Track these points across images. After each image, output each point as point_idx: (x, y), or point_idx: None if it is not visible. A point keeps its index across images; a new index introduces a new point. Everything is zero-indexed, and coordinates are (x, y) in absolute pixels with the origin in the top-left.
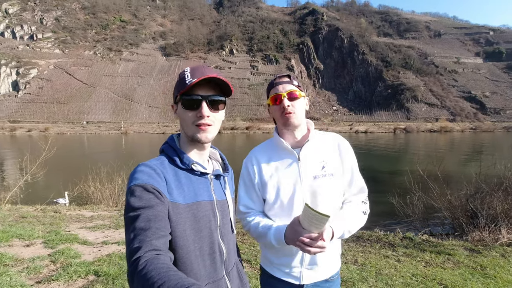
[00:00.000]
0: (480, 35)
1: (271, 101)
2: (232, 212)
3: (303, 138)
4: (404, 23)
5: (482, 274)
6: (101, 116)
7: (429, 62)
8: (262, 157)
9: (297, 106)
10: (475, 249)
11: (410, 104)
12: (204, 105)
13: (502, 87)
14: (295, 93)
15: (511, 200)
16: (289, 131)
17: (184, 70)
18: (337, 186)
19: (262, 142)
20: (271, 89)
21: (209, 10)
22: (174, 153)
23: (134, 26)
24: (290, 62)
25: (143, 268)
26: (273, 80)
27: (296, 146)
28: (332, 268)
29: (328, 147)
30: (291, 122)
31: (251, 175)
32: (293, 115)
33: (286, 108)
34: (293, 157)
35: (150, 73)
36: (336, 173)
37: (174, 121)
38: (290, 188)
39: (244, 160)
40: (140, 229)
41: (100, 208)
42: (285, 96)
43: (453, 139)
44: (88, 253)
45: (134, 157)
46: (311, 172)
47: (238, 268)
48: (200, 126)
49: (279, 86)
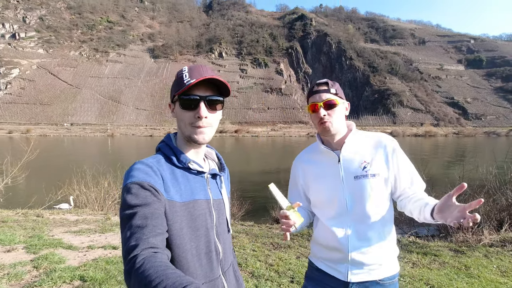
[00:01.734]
0: (462, 43)
1: (309, 109)
2: (228, 211)
3: (341, 139)
4: (390, 30)
5: (466, 274)
6: (86, 118)
7: (414, 68)
8: (306, 160)
9: (334, 115)
10: (460, 250)
11: (396, 109)
12: (202, 105)
13: (482, 93)
14: (332, 101)
15: (492, 202)
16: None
17: (182, 69)
18: (381, 186)
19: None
20: (310, 97)
21: (198, 12)
22: (171, 152)
23: (122, 27)
24: (279, 66)
25: (141, 266)
26: (312, 87)
27: (336, 148)
28: (384, 270)
29: (370, 147)
30: (327, 131)
31: (296, 179)
32: (328, 124)
33: (323, 118)
34: (334, 159)
35: (138, 74)
36: (379, 174)
37: (162, 123)
38: (331, 190)
39: (292, 163)
40: (137, 226)
41: (85, 212)
42: (322, 106)
43: (437, 143)
44: (73, 258)
45: (121, 160)
46: (352, 172)
47: (234, 268)
48: (198, 128)
49: (316, 95)
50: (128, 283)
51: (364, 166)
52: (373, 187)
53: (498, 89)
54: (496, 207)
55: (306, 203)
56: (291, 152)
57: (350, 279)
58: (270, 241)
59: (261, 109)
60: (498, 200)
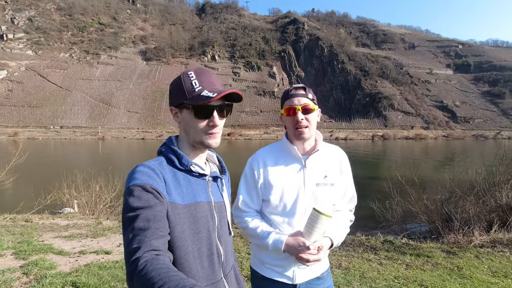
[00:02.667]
0: (450, 48)
1: (285, 112)
2: (229, 214)
3: (311, 148)
4: (381, 35)
5: (459, 275)
6: (76, 120)
7: (404, 72)
8: (268, 159)
9: (311, 119)
10: (451, 251)
11: (387, 112)
12: (215, 114)
13: (470, 97)
14: (309, 107)
15: (482, 203)
16: (300, 141)
17: (188, 74)
18: (335, 195)
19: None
20: (286, 100)
21: (191, 15)
22: (173, 154)
23: (113, 29)
24: (272, 69)
25: (143, 268)
26: (289, 90)
27: (303, 154)
28: (322, 266)
29: (331, 159)
30: (303, 137)
31: (255, 176)
32: (305, 130)
33: (300, 122)
34: (300, 164)
35: (130, 77)
36: (335, 183)
37: (154, 126)
38: (294, 193)
39: (249, 159)
40: (139, 229)
41: (76, 216)
42: (300, 110)
43: (428, 146)
44: (64, 263)
45: (113, 163)
46: (314, 179)
47: (235, 271)
48: (211, 134)
49: (294, 99)
50: (131, 285)
51: (325, 175)
52: (331, 195)
53: (485, 93)
54: (486, 208)
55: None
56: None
57: (298, 281)
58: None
59: (254, 112)
60: (487, 201)
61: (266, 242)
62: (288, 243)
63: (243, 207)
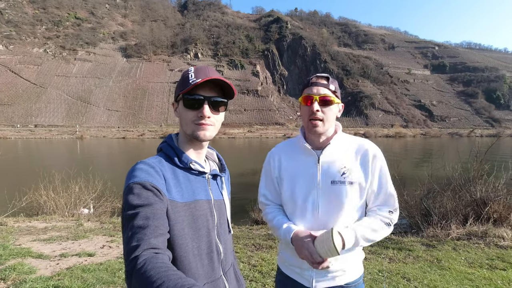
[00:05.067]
0: (427, 49)
1: (302, 101)
2: (229, 212)
3: (326, 140)
4: (362, 35)
5: (438, 267)
6: (52, 119)
7: (385, 72)
8: (284, 153)
9: (328, 113)
10: (431, 244)
11: (368, 111)
12: (206, 106)
13: (446, 97)
14: (329, 98)
15: (458, 198)
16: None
17: (188, 69)
18: (356, 196)
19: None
20: (306, 88)
21: (173, 12)
22: (172, 152)
23: (91, 25)
24: (256, 68)
25: (142, 266)
26: (310, 78)
27: (318, 148)
28: (348, 275)
29: (353, 153)
30: (315, 130)
31: (271, 169)
32: (319, 123)
33: (315, 113)
34: (313, 159)
35: (109, 74)
36: (357, 182)
37: (136, 125)
38: (305, 190)
39: (268, 153)
40: (138, 227)
41: (54, 218)
42: (317, 100)
43: (407, 143)
44: (45, 267)
45: (93, 163)
46: (329, 176)
47: (235, 269)
48: (200, 125)
49: (313, 88)
50: (129, 284)
51: (343, 172)
52: (349, 195)
53: (460, 93)
54: (462, 203)
55: (279, 198)
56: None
57: (315, 286)
58: (252, 242)
59: (238, 110)
60: (463, 196)
61: (279, 232)
62: (297, 234)
63: (263, 200)
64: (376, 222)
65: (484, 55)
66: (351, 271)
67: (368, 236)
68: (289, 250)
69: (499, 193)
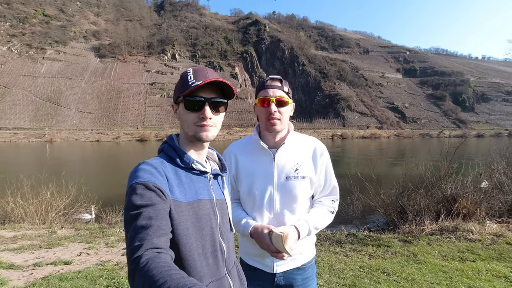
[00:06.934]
0: (399, 54)
1: (258, 102)
2: (230, 211)
3: (280, 139)
4: (338, 39)
5: (415, 261)
6: (18, 121)
7: (360, 75)
8: (240, 152)
9: (284, 112)
10: (407, 240)
11: (345, 112)
12: (207, 107)
13: (417, 99)
14: (284, 99)
15: (431, 195)
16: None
17: (187, 71)
18: (307, 189)
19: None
20: (261, 90)
21: (149, 12)
22: (174, 152)
23: (61, 22)
24: (234, 70)
25: (144, 266)
26: (265, 80)
27: (273, 146)
28: (303, 258)
29: (303, 151)
30: (274, 129)
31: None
32: (277, 122)
33: (273, 114)
34: (269, 157)
35: (81, 74)
36: (308, 177)
37: (110, 127)
38: (263, 186)
39: (224, 151)
40: (141, 227)
41: (24, 226)
42: (274, 102)
43: (382, 144)
44: (17, 278)
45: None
46: (284, 173)
47: (237, 267)
48: (202, 126)
49: (269, 90)
50: (132, 283)
51: (296, 168)
52: (302, 188)
53: (429, 96)
54: (434, 200)
55: (237, 195)
56: None
57: (276, 270)
58: (236, 244)
59: None
60: (435, 193)
61: (238, 227)
62: (255, 228)
63: None
64: (323, 211)
65: (451, 60)
66: (306, 253)
67: (318, 225)
68: (249, 241)
69: (467, 190)
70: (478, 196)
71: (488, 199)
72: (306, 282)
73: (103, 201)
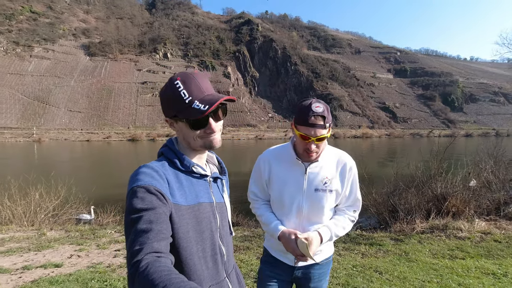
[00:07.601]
0: (390, 54)
1: (300, 136)
2: (229, 214)
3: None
4: (330, 39)
5: (406, 259)
6: (5, 120)
7: (352, 75)
8: (275, 159)
9: (322, 145)
10: (398, 238)
11: (337, 112)
12: (211, 121)
13: (408, 99)
14: (324, 137)
15: (421, 194)
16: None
17: (175, 84)
18: (333, 200)
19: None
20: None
21: (140, 10)
22: (174, 156)
23: (49, 20)
24: (227, 69)
25: (144, 270)
26: (309, 116)
27: (307, 160)
28: (324, 254)
29: (334, 166)
30: (310, 160)
31: (261, 171)
32: (314, 154)
33: (312, 151)
34: (301, 169)
35: (71, 73)
36: (335, 191)
37: (101, 127)
38: (293, 195)
39: (259, 156)
40: (142, 231)
41: (12, 228)
42: (314, 141)
43: (373, 144)
44: (5, 281)
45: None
46: (314, 185)
47: (236, 271)
48: (210, 136)
49: (311, 129)
50: (131, 287)
51: (325, 182)
52: (328, 200)
53: (420, 96)
54: (425, 198)
55: (268, 196)
56: (240, 155)
57: (296, 264)
58: (235, 244)
59: None
60: (426, 192)
61: (268, 228)
62: (284, 233)
63: (252, 196)
64: (345, 220)
65: (440, 61)
66: (326, 250)
67: (339, 233)
68: (275, 239)
69: (456, 188)
70: (467, 194)
71: (476, 198)
72: (321, 276)
73: (94, 202)
